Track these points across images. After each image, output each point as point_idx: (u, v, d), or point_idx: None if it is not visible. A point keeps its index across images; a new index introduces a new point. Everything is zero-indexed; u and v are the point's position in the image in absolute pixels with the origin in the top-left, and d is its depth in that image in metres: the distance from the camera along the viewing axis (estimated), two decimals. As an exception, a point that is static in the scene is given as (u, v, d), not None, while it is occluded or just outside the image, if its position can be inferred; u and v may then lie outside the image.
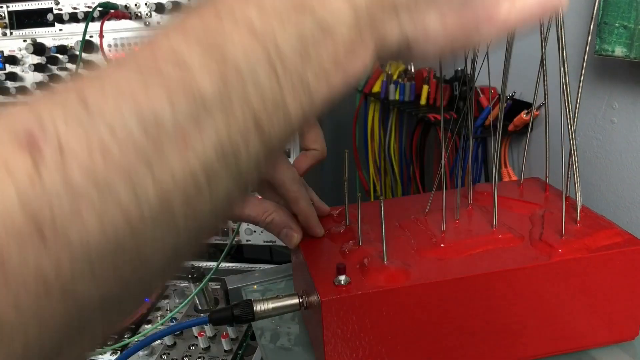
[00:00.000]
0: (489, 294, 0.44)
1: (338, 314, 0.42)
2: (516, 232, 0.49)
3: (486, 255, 0.46)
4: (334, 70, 0.23)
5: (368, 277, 0.44)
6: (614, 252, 0.45)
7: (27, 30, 0.90)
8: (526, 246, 0.47)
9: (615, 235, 0.47)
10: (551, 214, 0.51)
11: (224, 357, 0.65)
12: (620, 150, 0.63)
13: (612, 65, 0.62)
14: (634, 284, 0.46)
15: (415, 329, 0.44)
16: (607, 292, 0.46)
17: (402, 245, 0.48)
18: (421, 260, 0.46)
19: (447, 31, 0.25)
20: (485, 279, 0.44)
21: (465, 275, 0.43)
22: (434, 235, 0.49)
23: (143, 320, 0.75)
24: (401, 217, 0.53)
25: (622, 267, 0.46)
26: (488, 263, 0.45)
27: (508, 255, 0.46)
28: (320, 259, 0.48)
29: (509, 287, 0.44)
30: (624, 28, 0.56)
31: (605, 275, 0.46)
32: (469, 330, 0.45)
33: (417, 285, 0.42)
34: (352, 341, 0.43)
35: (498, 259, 0.45)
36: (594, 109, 0.66)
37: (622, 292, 0.46)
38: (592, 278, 0.46)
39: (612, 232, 0.47)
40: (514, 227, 0.49)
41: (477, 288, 0.44)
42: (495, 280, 0.44)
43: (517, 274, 0.44)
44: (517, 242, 0.47)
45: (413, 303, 0.43)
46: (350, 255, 0.47)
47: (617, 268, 0.45)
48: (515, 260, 0.45)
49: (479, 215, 0.52)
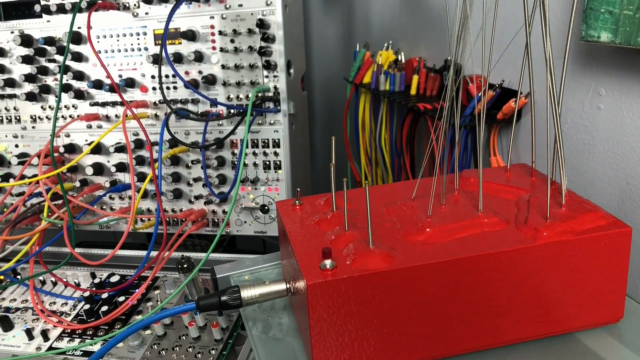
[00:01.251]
0: (473, 277, 0.44)
1: (324, 298, 0.42)
2: (502, 217, 0.49)
3: (471, 239, 0.46)
4: None
5: (354, 261, 0.44)
6: (598, 234, 0.45)
7: (15, 21, 0.90)
8: (511, 230, 0.47)
9: (600, 218, 0.47)
10: (537, 199, 0.51)
11: (215, 347, 0.65)
12: (607, 136, 0.64)
13: (599, 52, 0.62)
14: (618, 267, 0.47)
15: (401, 312, 0.44)
16: (591, 275, 0.47)
17: (388, 230, 0.49)
18: (407, 245, 0.46)
19: None
20: (470, 262, 0.44)
21: (450, 259, 0.43)
22: (420, 220, 0.49)
23: (134, 311, 0.75)
24: (389, 203, 0.53)
25: (606, 250, 0.46)
26: (473, 246, 0.45)
27: (493, 239, 0.46)
28: (307, 244, 0.48)
29: (494, 270, 0.45)
30: (609, 13, 0.56)
31: (590, 258, 0.46)
32: (454, 314, 0.45)
33: (402, 268, 0.43)
34: (338, 325, 0.43)
35: (483, 242, 0.45)
36: (580, 95, 0.66)
37: (606, 274, 0.47)
38: (576, 261, 0.46)
39: (597, 216, 0.47)
40: (500, 212, 0.50)
41: (462, 271, 0.44)
42: (480, 263, 0.44)
43: (501, 256, 0.44)
44: (502, 226, 0.48)
45: (398, 286, 0.43)
46: (337, 240, 0.47)
47: (601, 250, 0.46)
48: (500, 243, 0.45)
49: (465, 200, 0.52)
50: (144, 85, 0.87)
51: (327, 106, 1.17)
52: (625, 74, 0.60)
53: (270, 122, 0.84)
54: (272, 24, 0.80)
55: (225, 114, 0.84)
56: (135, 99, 0.88)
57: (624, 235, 0.46)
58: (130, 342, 0.67)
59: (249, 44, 0.81)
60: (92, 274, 0.85)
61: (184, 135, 0.88)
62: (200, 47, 0.83)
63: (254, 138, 0.85)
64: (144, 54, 0.86)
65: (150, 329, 0.70)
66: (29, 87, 0.92)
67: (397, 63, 0.98)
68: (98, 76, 0.88)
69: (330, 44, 1.16)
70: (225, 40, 0.82)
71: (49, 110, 0.92)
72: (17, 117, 0.94)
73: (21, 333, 0.72)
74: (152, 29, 0.85)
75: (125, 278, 0.83)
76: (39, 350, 0.69)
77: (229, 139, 0.86)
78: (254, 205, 0.87)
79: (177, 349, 0.66)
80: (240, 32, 0.81)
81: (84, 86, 0.89)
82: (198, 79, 0.84)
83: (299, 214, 0.55)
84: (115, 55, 0.87)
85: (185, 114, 0.83)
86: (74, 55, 0.88)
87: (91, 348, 0.68)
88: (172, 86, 0.86)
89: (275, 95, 0.83)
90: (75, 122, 0.90)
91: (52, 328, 0.73)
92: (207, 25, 0.82)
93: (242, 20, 0.81)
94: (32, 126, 0.94)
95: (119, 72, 0.88)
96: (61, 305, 0.79)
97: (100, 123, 0.91)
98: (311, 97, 1.03)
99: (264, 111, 0.83)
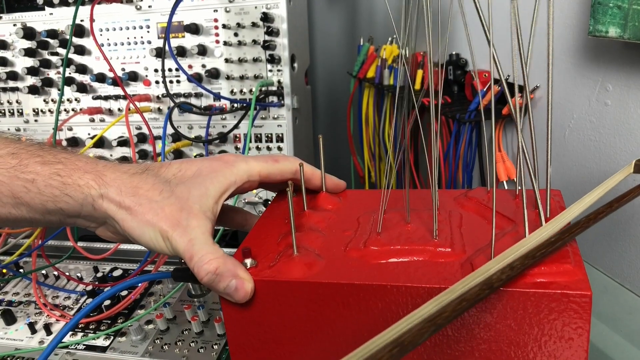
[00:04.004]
0: (383, 307, 0.39)
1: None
2: (459, 248, 0.42)
3: (402, 266, 0.41)
4: None
5: (274, 266, 0.42)
6: (539, 292, 0.35)
7: (17, 14, 0.89)
8: (454, 265, 0.40)
9: (562, 273, 0.37)
10: (515, 234, 0.42)
11: (217, 341, 0.65)
12: (613, 132, 0.63)
13: (606, 47, 0.62)
14: (568, 341, 0.36)
15: (299, 326, 0.42)
16: (529, 344, 0.37)
17: (340, 239, 0.45)
18: (339, 258, 0.43)
19: None
20: (378, 290, 0.39)
21: (347, 282, 0.39)
22: (371, 235, 0.45)
23: (136, 305, 0.75)
24: (368, 211, 0.50)
25: (552, 314, 0.36)
26: (393, 274, 0.40)
27: (426, 270, 0.40)
28: (257, 240, 0.47)
29: (404, 304, 0.39)
30: (617, 8, 0.55)
31: (531, 320, 0.36)
32: (350, 340, 0.41)
33: (307, 282, 0.40)
34: (250, 326, 0.43)
35: (412, 271, 0.40)
36: (587, 91, 0.65)
37: (554, 347, 0.37)
38: (510, 318, 0.37)
39: (561, 269, 0.37)
40: (467, 242, 0.43)
41: (365, 297, 0.39)
42: (392, 294, 0.39)
43: (419, 291, 0.38)
44: (450, 259, 0.41)
45: (308, 299, 0.40)
46: (282, 241, 0.46)
47: (546, 313, 0.36)
48: (427, 276, 0.39)
49: (431, 224, 0.45)
50: (147, 79, 0.87)
51: (330, 101, 1.16)
52: (634, 70, 0.59)
53: (273, 117, 0.84)
54: (276, 17, 0.79)
55: (229, 108, 0.84)
56: (138, 93, 0.87)
57: (580, 301, 0.35)
58: (133, 337, 0.67)
59: (253, 38, 0.81)
60: (95, 268, 0.85)
61: (187, 130, 0.88)
62: (204, 40, 0.83)
63: (257, 132, 0.85)
64: (147, 47, 0.86)
65: (153, 323, 0.70)
66: (31, 80, 0.91)
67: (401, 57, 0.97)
68: (101, 69, 0.88)
69: (333, 37, 1.15)
70: (229, 34, 0.82)
71: (51, 103, 0.92)
72: (19, 110, 0.94)
73: (24, 327, 0.72)
74: (156, 22, 0.84)
75: (128, 272, 0.83)
76: (41, 344, 0.69)
77: (232, 133, 0.85)
78: (257, 200, 0.87)
79: (180, 343, 0.66)
80: (244, 26, 0.81)
81: (87, 79, 0.89)
82: (201, 72, 0.84)
83: (282, 208, 0.54)
84: (118, 48, 0.87)
85: (188, 108, 0.83)
86: (77, 48, 0.87)
87: (94, 342, 0.68)
88: (175, 80, 0.86)
89: (279, 89, 0.82)
90: (78, 116, 0.90)
91: (55, 322, 0.73)
92: (210, 18, 0.82)
93: (246, 14, 0.80)
94: (34, 119, 0.94)
95: (122, 65, 0.87)
96: (64, 299, 0.78)
97: (103, 117, 0.90)
98: (314, 91, 1.02)
99: (268, 105, 0.83)
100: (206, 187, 0.46)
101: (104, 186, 0.44)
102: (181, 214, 0.43)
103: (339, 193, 0.55)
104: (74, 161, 0.45)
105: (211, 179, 0.46)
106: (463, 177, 0.83)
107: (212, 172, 0.47)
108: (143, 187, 0.44)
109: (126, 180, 0.44)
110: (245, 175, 0.49)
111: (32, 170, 0.43)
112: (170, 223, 0.43)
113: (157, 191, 0.45)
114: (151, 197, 0.44)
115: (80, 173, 0.44)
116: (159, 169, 0.47)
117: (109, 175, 0.44)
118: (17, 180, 0.43)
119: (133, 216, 0.43)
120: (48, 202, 0.43)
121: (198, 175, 0.47)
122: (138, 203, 0.43)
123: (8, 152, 0.44)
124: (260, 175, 0.50)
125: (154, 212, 0.43)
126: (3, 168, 0.43)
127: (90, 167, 0.45)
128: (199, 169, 0.48)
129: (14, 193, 0.43)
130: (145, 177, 0.45)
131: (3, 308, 0.76)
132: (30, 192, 0.43)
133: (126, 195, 0.44)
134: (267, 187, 0.56)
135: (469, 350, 0.38)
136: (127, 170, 0.46)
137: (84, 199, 0.44)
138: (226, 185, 0.47)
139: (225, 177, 0.47)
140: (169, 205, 0.44)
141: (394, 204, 0.49)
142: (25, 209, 0.44)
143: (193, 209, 0.44)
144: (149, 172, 0.47)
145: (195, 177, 0.47)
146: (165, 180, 0.46)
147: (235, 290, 0.40)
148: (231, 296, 0.41)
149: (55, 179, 0.43)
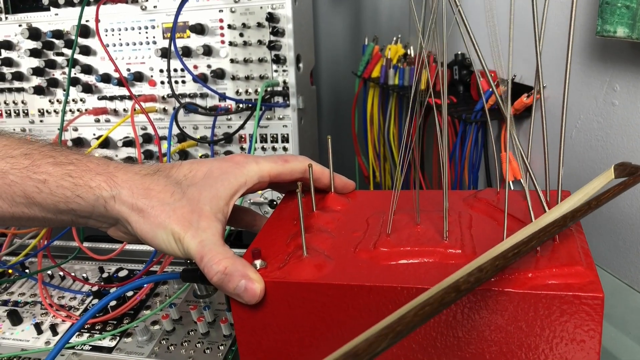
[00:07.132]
0: (389, 308, 0.39)
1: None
2: (470, 250, 0.41)
3: (412, 268, 0.40)
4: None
5: (284, 267, 0.42)
6: (551, 294, 0.35)
7: (23, 14, 0.89)
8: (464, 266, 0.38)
9: (573, 275, 0.36)
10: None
11: (224, 342, 0.65)
12: (621, 133, 0.63)
13: (614, 47, 0.62)
14: (580, 343, 0.36)
15: (308, 327, 0.41)
16: (539, 346, 0.37)
17: (350, 241, 0.45)
18: (348, 260, 0.42)
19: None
20: (388, 291, 0.38)
21: (357, 284, 0.39)
22: (381, 236, 0.44)
23: (142, 306, 0.75)
24: (377, 212, 0.49)
25: (564, 316, 0.35)
26: (403, 275, 0.39)
27: (435, 272, 0.39)
28: (266, 241, 0.47)
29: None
30: (626, 8, 0.55)
31: (541, 322, 0.36)
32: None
33: (307, 283, 0.40)
34: (259, 327, 0.42)
35: (419, 273, 0.39)
36: (594, 91, 0.65)
37: (540, 346, 0.37)
38: (521, 320, 0.36)
39: (571, 271, 0.36)
40: (477, 244, 0.42)
41: (375, 299, 0.39)
42: (402, 295, 0.38)
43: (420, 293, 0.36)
44: (460, 260, 0.40)
45: (318, 301, 0.40)
46: (292, 242, 0.45)
47: (557, 316, 0.35)
48: (434, 279, 0.38)
49: (441, 225, 0.44)
50: (153, 79, 0.87)
51: (335, 101, 1.16)
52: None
53: (279, 117, 0.84)
54: (282, 17, 0.79)
55: (234, 109, 0.84)
56: (144, 93, 0.87)
57: (591, 303, 0.34)
58: (139, 337, 0.67)
59: (258, 38, 0.81)
60: (100, 269, 0.85)
61: (193, 130, 0.88)
62: (209, 40, 0.83)
63: (263, 133, 0.85)
64: (152, 48, 0.86)
65: (158, 324, 0.70)
66: (37, 80, 0.91)
67: (406, 57, 0.97)
68: (106, 70, 0.88)
69: (338, 37, 1.15)
70: (234, 34, 0.82)
71: (57, 104, 0.92)
72: (25, 110, 0.94)
73: (30, 327, 0.72)
74: (161, 23, 0.84)
75: (134, 273, 0.83)
76: (47, 345, 0.69)
77: (237, 134, 0.85)
78: (263, 200, 0.87)
79: (186, 344, 0.66)
80: (249, 26, 0.80)
81: (92, 80, 0.89)
82: (207, 73, 0.84)
83: (290, 208, 0.53)
84: (124, 48, 0.87)
85: (193, 108, 0.83)
86: (82, 48, 0.87)
87: (100, 343, 0.68)
88: (180, 80, 0.86)
89: (284, 89, 0.82)
90: (84, 116, 0.90)
91: (61, 322, 0.73)
92: (216, 18, 0.82)
93: (251, 14, 0.80)
94: (40, 120, 0.94)
95: (127, 65, 0.87)
96: (70, 300, 0.78)
97: (109, 117, 0.90)
98: (319, 91, 1.02)
99: (273, 106, 0.83)
100: (217, 188, 0.46)
101: (116, 187, 0.44)
102: (192, 216, 0.43)
103: (348, 194, 0.55)
104: (85, 162, 0.45)
105: (222, 180, 0.46)
106: (469, 178, 0.83)
107: (223, 173, 0.47)
108: (155, 189, 0.44)
109: (138, 181, 0.45)
110: (256, 176, 0.48)
111: (44, 171, 0.43)
112: (182, 225, 0.43)
113: (168, 193, 0.45)
114: (163, 199, 0.44)
115: (92, 174, 0.44)
116: (170, 170, 0.47)
117: (120, 177, 0.45)
118: (30, 180, 0.43)
119: (145, 219, 0.43)
120: (60, 202, 0.43)
121: (209, 177, 0.47)
122: (150, 205, 0.43)
123: (21, 152, 0.44)
124: (271, 175, 0.50)
125: (166, 214, 0.43)
126: (16, 168, 0.43)
127: (101, 168, 0.45)
128: (209, 170, 0.47)
129: (26, 193, 0.43)
130: (156, 179, 0.45)
131: (9, 309, 0.76)
132: (42, 192, 0.43)
133: (138, 197, 0.44)
134: (276, 188, 0.56)
135: (480, 352, 0.38)
136: (139, 171, 0.46)
137: (96, 200, 0.44)
138: (237, 186, 0.47)
139: (236, 179, 0.47)
140: (180, 207, 0.44)
141: (402, 205, 0.48)
142: (38, 208, 0.44)
143: (204, 211, 0.44)
144: (160, 173, 0.47)
145: (206, 179, 0.47)
146: (177, 181, 0.46)
147: (244, 291, 0.40)
148: (241, 297, 0.41)
149: (66, 179, 0.43)
